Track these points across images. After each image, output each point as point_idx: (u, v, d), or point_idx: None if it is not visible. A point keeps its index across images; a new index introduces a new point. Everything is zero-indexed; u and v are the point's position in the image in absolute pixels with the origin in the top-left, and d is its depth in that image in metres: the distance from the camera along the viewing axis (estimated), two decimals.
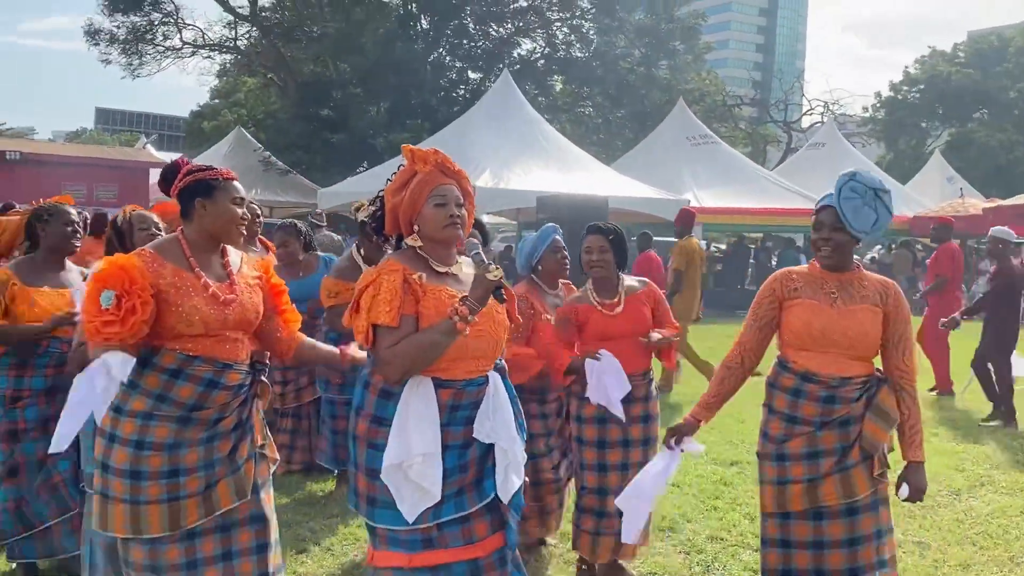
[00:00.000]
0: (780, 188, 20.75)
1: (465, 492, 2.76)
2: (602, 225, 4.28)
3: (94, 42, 29.70)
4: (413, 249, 2.83)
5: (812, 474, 3.21)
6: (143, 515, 2.79)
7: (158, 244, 2.98)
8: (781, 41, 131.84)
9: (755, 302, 3.39)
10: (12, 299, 3.89)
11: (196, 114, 42.47)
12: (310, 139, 26.77)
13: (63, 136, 70.02)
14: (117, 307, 2.71)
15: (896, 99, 45.81)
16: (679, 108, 23.36)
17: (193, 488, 2.84)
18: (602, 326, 4.16)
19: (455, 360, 2.74)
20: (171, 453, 2.82)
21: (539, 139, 18.48)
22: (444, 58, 31.19)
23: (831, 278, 3.25)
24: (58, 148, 26.15)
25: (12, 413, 3.96)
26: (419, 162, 2.83)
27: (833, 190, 3.20)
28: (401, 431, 2.69)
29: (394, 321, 2.67)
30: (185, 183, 2.95)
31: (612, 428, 4.16)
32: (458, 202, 2.83)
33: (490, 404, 2.79)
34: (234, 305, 2.94)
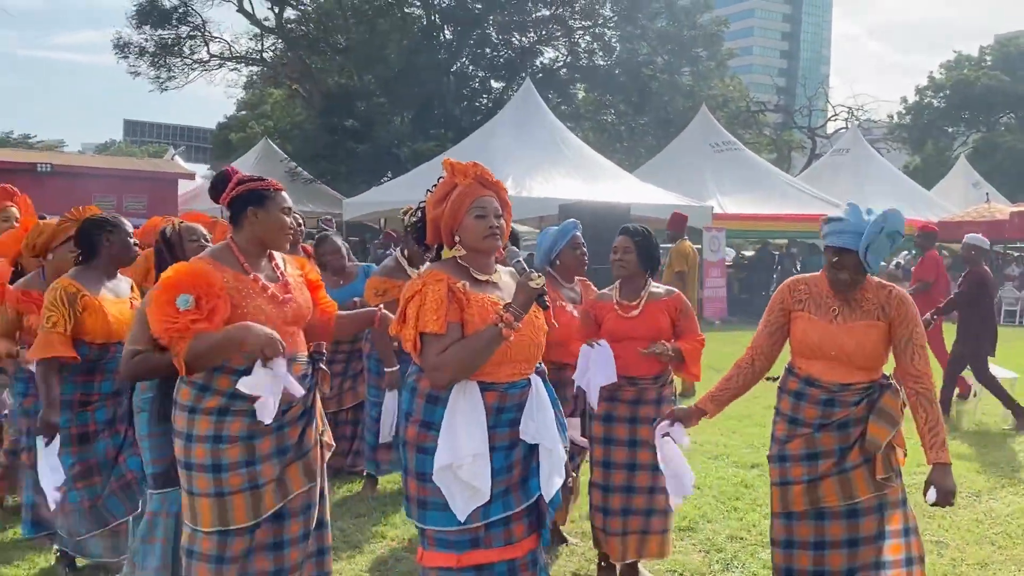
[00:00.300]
0: (804, 194, 20.72)
1: (511, 492, 2.85)
2: (631, 227, 4.34)
3: (123, 55, 30.23)
4: (454, 259, 2.92)
5: (811, 475, 3.30)
6: (228, 506, 2.95)
7: (212, 252, 3.12)
8: (805, 47, 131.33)
9: (768, 308, 3.47)
10: (84, 309, 3.95)
11: (223, 126, 42.99)
12: (335, 149, 27.07)
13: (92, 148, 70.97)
14: (199, 307, 2.87)
15: (921, 104, 45.51)
16: (702, 114, 23.39)
17: (269, 475, 3.00)
18: (616, 326, 4.23)
19: (498, 364, 2.83)
20: (246, 443, 2.97)
21: (561, 147, 18.59)
22: (467, 68, 31.45)
23: (836, 294, 3.31)
24: (88, 160, 26.57)
25: (83, 416, 4.04)
26: (459, 175, 2.91)
27: (853, 225, 3.15)
28: (450, 434, 2.77)
29: (442, 328, 2.76)
30: (238, 192, 3.10)
31: (618, 427, 4.22)
32: (497, 213, 2.91)
33: (533, 405, 2.88)
34: (291, 303, 3.13)
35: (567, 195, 16.01)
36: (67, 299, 3.92)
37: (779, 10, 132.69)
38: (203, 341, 2.89)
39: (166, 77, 31.02)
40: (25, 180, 18.87)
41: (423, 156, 22.71)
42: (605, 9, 31.41)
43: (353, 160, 26.77)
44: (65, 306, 3.91)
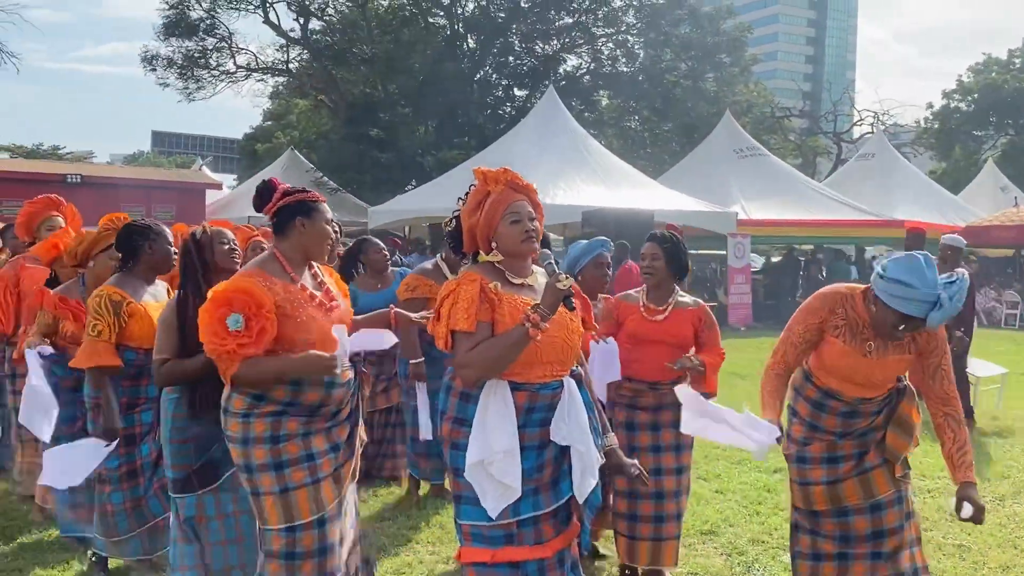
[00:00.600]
0: (829, 199, 20.64)
1: (541, 492, 2.90)
2: (659, 233, 4.36)
3: (151, 68, 30.61)
4: (491, 263, 2.97)
5: (831, 476, 3.34)
6: (293, 502, 3.05)
7: (259, 262, 3.21)
8: (831, 52, 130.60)
9: (801, 322, 3.36)
10: (129, 316, 4.01)
11: (249, 136, 43.37)
12: (360, 159, 27.26)
13: (121, 159, 71.84)
14: (248, 329, 2.96)
15: (949, 108, 45.13)
16: (726, 120, 23.37)
17: (327, 469, 3.13)
18: (639, 328, 4.25)
19: (529, 365, 2.87)
20: (304, 439, 3.11)
21: (584, 154, 18.64)
22: (490, 76, 31.58)
23: (870, 327, 3.27)
24: (116, 171, 26.94)
25: (130, 418, 4.10)
26: (491, 182, 2.96)
27: (923, 295, 3.02)
28: (481, 430, 2.84)
29: (471, 327, 2.82)
30: (286, 202, 3.20)
31: (641, 434, 4.24)
32: (531, 216, 2.95)
33: (565, 408, 2.91)
34: (336, 309, 3.26)
35: (590, 202, 16.05)
36: (112, 306, 3.97)
37: (804, 15, 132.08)
38: (253, 369, 3.01)
39: (194, 88, 31.40)
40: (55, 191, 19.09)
41: (447, 164, 22.84)
42: (628, 16, 31.46)
43: (378, 169, 26.94)
44: (110, 314, 3.96)
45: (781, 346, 3.40)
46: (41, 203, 5.55)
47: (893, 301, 3.07)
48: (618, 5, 31.12)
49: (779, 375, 3.40)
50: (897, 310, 3.07)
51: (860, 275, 20.07)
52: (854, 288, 3.36)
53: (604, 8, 30.91)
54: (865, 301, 3.27)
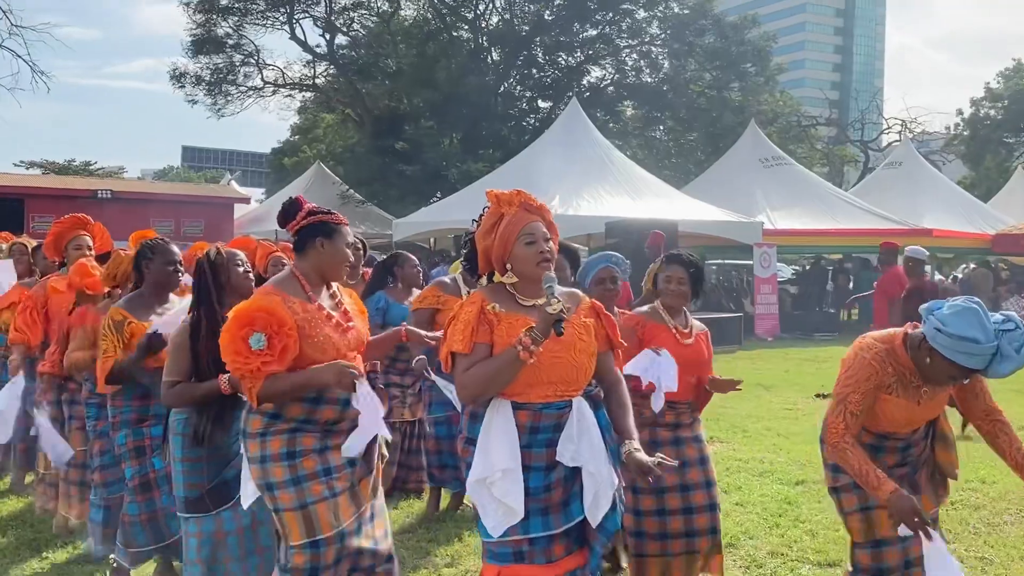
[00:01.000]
0: (856, 208, 20.50)
1: (551, 512, 2.88)
2: (684, 256, 4.26)
3: (180, 84, 31.03)
4: (502, 284, 2.97)
5: None
6: (313, 516, 3.06)
7: (278, 281, 3.24)
8: (858, 60, 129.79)
9: (856, 390, 3.21)
10: (131, 335, 4.05)
11: (277, 151, 43.80)
12: (385, 171, 27.47)
13: (151, 174, 72.73)
14: (271, 347, 3.00)
15: (978, 115, 44.63)
16: (751, 130, 23.30)
17: (344, 484, 3.15)
18: (676, 351, 4.13)
19: (530, 385, 2.85)
20: (320, 455, 3.13)
21: (608, 165, 18.67)
22: (514, 88, 31.73)
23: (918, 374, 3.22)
24: (146, 186, 27.34)
25: (139, 431, 4.15)
26: (504, 204, 2.95)
27: (986, 348, 2.96)
28: (484, 448, 2.85)
29: (466, 348, 2.84)
30: (309, 222, 3.22)
31: (665, 450, 4.17)
32: (546, 237, 2.93)
33: (573, 428, 2.87)
34: (353, 330, 3.27)
35: (614, 212, 16.06)
36: (114, 326, 4.05)
37: (831, 23, 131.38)
38: (276, 385, 3.05)
39: (222, 104, 31.79)
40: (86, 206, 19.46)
41: (472, 176, 22.94)
42: (652, 27, 31.49)
43: (403, 181, 27.11)
44: (113, 333, 4.04)
45: (840, 418, 3.22)
46: (68, 222, 5.56)
47: (958, 357, 2.99)
48: (642, 16, 31.17)
49: (854, 444, 3.21)
50: (960, 364, 3.00)
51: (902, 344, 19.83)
52: (892, 338, 3.24)
53: (628, 19, 30.98)
54: (907, 348, 3.17)
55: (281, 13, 30.61)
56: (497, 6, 31.40)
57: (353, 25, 32.02)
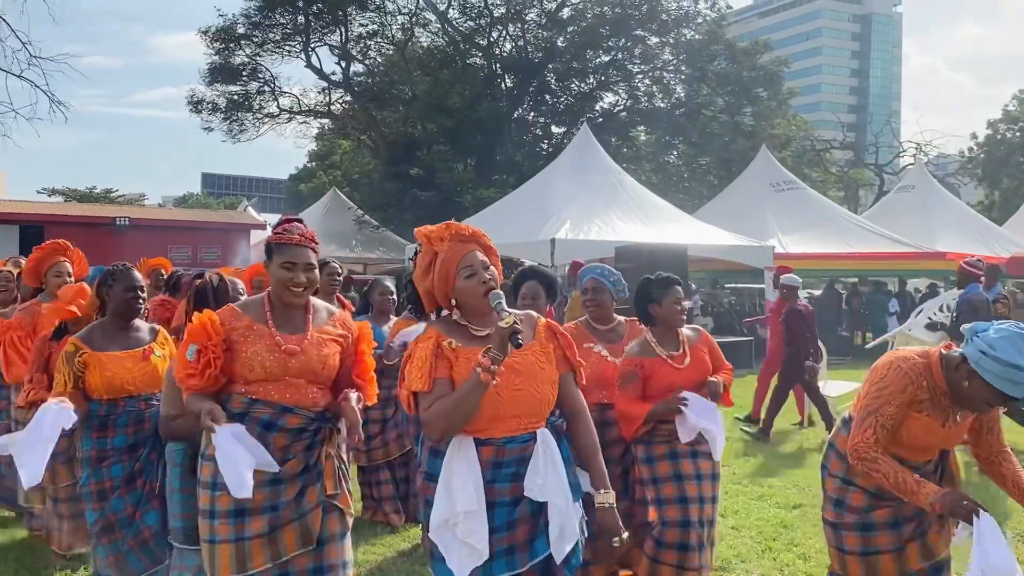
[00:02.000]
0: (868, 232, 20.48)
1: (517, 550, 2.77)
2: (675, 277, 4.32)
3: (196, 111, 31.42)
4: (451, 318, 2.92)
5: (896, 543, 3.21)
6: (216, 555, 3.00)
7: (245, 301, 3.27)
8: (875, 83, 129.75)
9: (889, 402, 3.12)
10: (84, 367, 3.97)
11: (294, 177, 44.29)
12: (400, 197, 27.64)
13: (171, 201, 73.42)
14: (196, 361, 3.00)
15: (995, 137, 44.53)
16: (762, 154, 23.36)
17: (257, 529, 3.00)
18: (671, 379, 4.19)
19: (492, 419, 2.78)
20: None
21: (618, 189, 18.74)
22: (527, 114, 31.91)
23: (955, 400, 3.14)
24: (164, 213, 27.65)
25: (99, 472, 4.02)
26: (435, 241, 2.90)
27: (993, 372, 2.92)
28: (446, 488, 2.76)
29: (425, 386, 2.77)
30: (265, 243, 3.25)
31: (685, 462, 4.18)
32: (485, 265, 2.87)
33: (539, 461, 2.79)
34: (298, 355, 3.13)
35: (624, 237, 16.12)
36: (66, 358, 3.98)
37: (847, 47, 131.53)
38: (189, 403, 3.06)
39: (238, 130, 32.13)
40: (105, 234, 19.79)
41: (485, 202, 23.10)
42: (664, 53, 31.66)
43: (417, 207, 27.28)
44: (66, 365, 3.97)
45: (870, 431, 3.13)
46: (48, 248, 5.57)
47: (1001, 383, 2.90)
48: (654, 42, 31.34)
49: (884, 453, 3.14)
50: (1001, 390, 2.92)
51: (901, 308, 19.83)
52: (929, 355, 3.16)
53: (640, 46, 31.15)
54: (944, 369, 3.09)
55: (297, 42, 31.00)
56: (510, 33, 31.69)
57: (369, 53, 32.39)
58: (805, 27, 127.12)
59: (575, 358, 3.01)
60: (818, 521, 5.90)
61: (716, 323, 19.87)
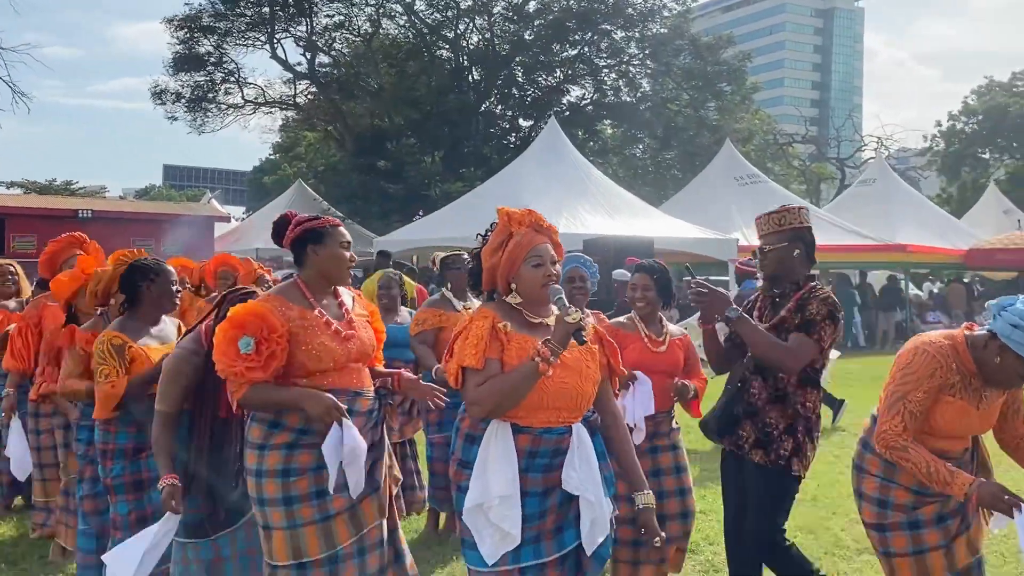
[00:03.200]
0: (830, 225, 20.80)
1: (543, 539, 2.81)
2: (646, 264, 4.41)
3: (160, 102, 31.15)
4: (507, 302, 2.92)
5: (946, 538, 3.15)
6: (302, 539, 3.03)
7: (280, 288, 3.28)
8: (837, 78, 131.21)
9: (918, 388, 3.08)
10: (132, 360, 3.93)
11: (257, 169, 43.96)
12: (367, 189, 27.62)
13: (133, 193, 72.54)
14: (258, 352, 2.99)
15: (955, 130, 45.33)
16: (726, 149, 23.65)
17: (340, 506, 3.09)
18: (645, 358, 4.24)
19: (535, 408, 2.80)
20: (316, 475, 3.06)
21: (587, 183, 18.89)
22: (495, 108, 32.04)
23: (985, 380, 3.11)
24: (127, 205, 27.39)
25: (136, 464, 3.96)
26: (515, 224, 2.90)
27: None
28: (481, 473, 2.78)
29: (479, 363, 2.77)
30: (296, 233, 3.24)
31: (643, 460, 4.24)
32: (553, 260, 2.90)
33: (575, 455, 2.83)
34: (354, 339, 3.22)
35: (592, 230, 16.26)
36: (115, 351, 3.92)
37: (810, 41, 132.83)
38: (260, 396, 3.05)
39: (202, 121, 31.92)
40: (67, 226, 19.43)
41: (453, 195, 23.16)
42: (630, 47, 31.90)
43: (385, 199, 27.30)
44: (115, 357, 3.90)
45: (898, 418, 3.08)
46: (64, 241, 5.53)
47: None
48: (620, 36, 31.59)
49: (915, 441, 3.09)
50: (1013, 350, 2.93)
51: (862, 300, 20.18)
52: (954, 337, 3.14)
53: (606, 40, 31.39)
54: (971, 349, 3.08)
55: (262, 32, 30.84)
56: (478, 26, 31.76)
57: (334, 44, 32.29)
58: (768, 21, 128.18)
59: (618, 365, 3.08)
60: None
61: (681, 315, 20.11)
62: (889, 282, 21.08)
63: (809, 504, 6.20)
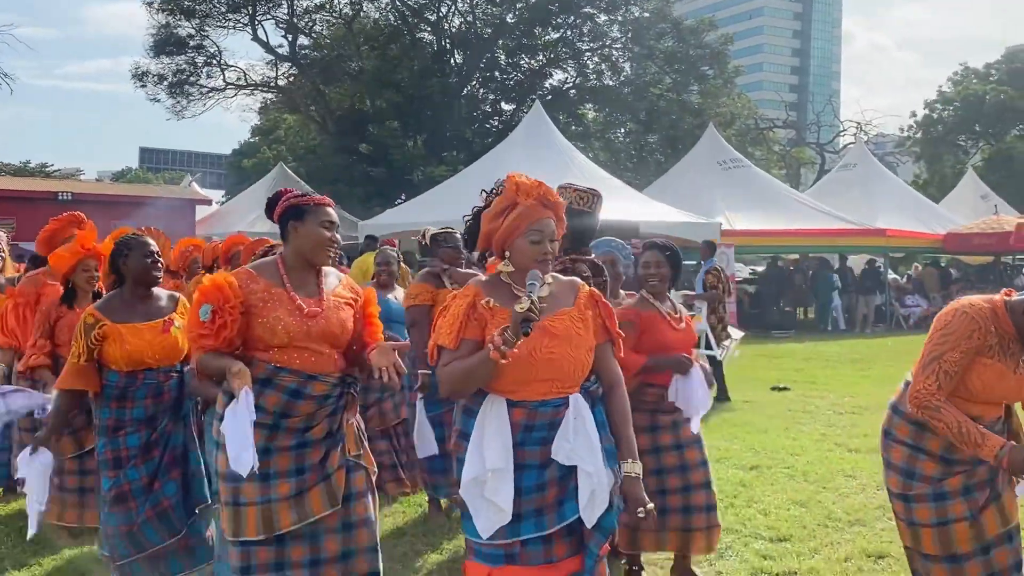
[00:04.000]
0: (811, 209, 20.99)
1: (545, 512, 2.78)
2: (659, 241, 4.41)
3: (141, 84, 30.92)
4: (498, 275, 2.90)
5: (972, 509, 3.10)
6: (242, 517, 3.03)
7: (258, 264, 3.27)
8: (816, 63, 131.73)
9: (955, 347, 3.06)
10: (103, 339, 3.90)
11: (237, 152, 43.65)
12: (350, 173, 27.57)
13: (109, 176, 71.84)
14: (212, 321, 3.00)
15: (932, 117, 45.72)
16: (709, 133, 23.75)
17: (284, 492, 3.04)
18: (667, 337, 4.23)
19: (524, 382, 2.77)
20: (263, 458, 3.00)
21: (571, 167, 18.91)
22: (477, 91, 32.04)
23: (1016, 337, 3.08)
24: (107, 187, 27.20)
25: (115, 441, 3.96)
26: (521, 195, 2.83)
27: None
28: (476, 447, 2.76)
29: (452, 343, 2.78)
30: (282, 208, 3.22)
31: (664, 434, 4.25)
32: (552, 237, 2.84)
33: (569, 426, 2.77)
34: (319, 318, 3.13)
35: None
36: (84, 330, 3.91)
37: (789, 26, 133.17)
38: (206, 362, 3.08)
39: (184, 105, 31.71)
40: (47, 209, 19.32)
41: (436, 179, 23.16)
42: (613, 31, 31.96)
43: (367, 183, 27.26)
44: (82, 337, 3.89)
45: (933, 377, 3.06)
46: (64, 220, 5.57)
47: None
48: (602, 20, 31.65)
49: (947, 402, 3.07)
50: None
51: (843, 284, 20.42)
52: (994, 301, 3.12)
53: (589, 23, 31.42)
54: (1011, 314, 3.07)
55: (243, 15, 30.60)
56: (459, 8, 31.68)
57: (315, 27, 32.11)
58: (747, 6, 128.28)
59: (615, 328, 2.99)
60: (775, 479, 6.30)
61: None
62: (868, 266, 21.31)
63: (800, 479, 6.33)
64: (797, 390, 10.65)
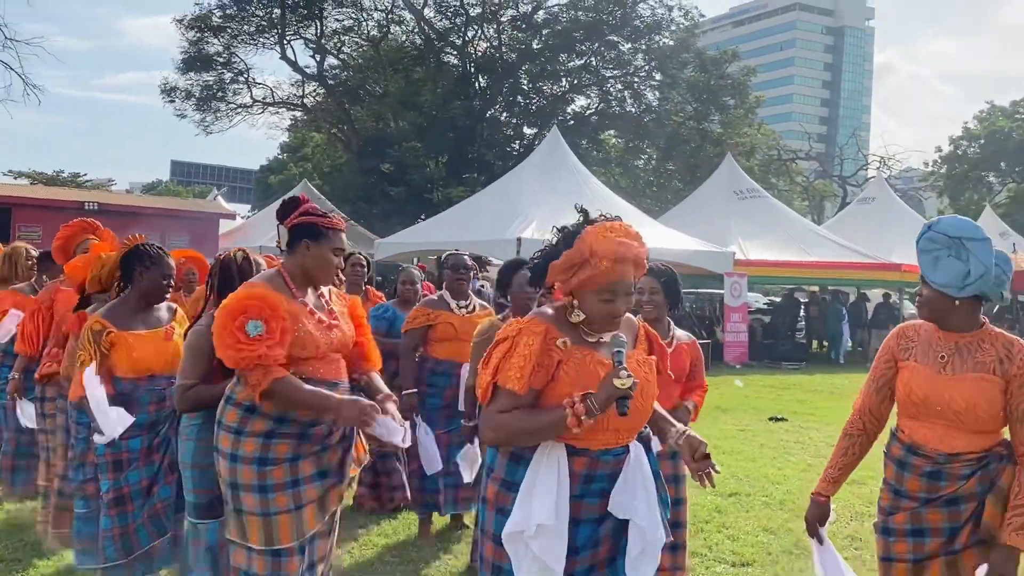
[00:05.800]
0: (826, 241, 21.00)
1: (596, 569, 2.60)
2: (654, 267, 4.23)
3: (170, 99, 31.49)
4: (566, 310, 2.63)
5: (917, 553, 2.93)
6: (275, 526, 3.09)
7: (264, 277, 3.24)
8: (845, 96, 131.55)
9: (874, 361, 3.09)
10: (110, 346, 3.96)
11: (265, 168, 44.27)
12: (371, 191, 27.89)
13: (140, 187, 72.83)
14: (270, 331, 2.98)
15: (956, 153, 45.54)
16: (727, 162, 23.84)
17: (312, 496, 3.15)
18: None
19: (595, 431, 2.53)
20: (292, 465, 3.11)
21: (586, 192, 19.10)
22: (500, 115, 32.32)
23: (947, 338, 2.93)
24: (133, 199, 27.63)
25: (117, 444, 3.98)
26: (595, 256, 2.53)
27: None
28: (527, 498, 2.52)
29: (521, 389, 2.50)
30: (299, 221, 3.21)
31: None
32: (627, 292, 2.58)
33: (629, 476, 2.58)
34: (335, 330, 3.25)
35: None
36: (92, 336, 3.95)
37: (820, 59, 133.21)
38: (285, 390, 3.02)
39: (211, 120, 32.25)
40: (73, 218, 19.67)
41: (455, 199, 23.43)
42: (636, 59, 32.17)
43: (388, 202, 27.56)
44: (91, 344, 3.94)
45: (858, 397, 3.12)
46: (77, 226, 5.60)
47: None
48: (627, 48, 31.86)
49: (848, 434, 3.12)
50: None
51: (850, 318, 20.38)
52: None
53: (613, 51, 31.67)
54: (931, 311, 2.99)
55: (272, 34, 31.16)
56: (486, 34, 32.06)
57: (343, 48, 32.60)
58: (779, 37, 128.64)
59: (666, 367, 2.88)
60: (751, 507, 6.39)
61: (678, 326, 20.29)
62: (884, 300, 21.27)
63: (776, 507, 6.40)
64: (795, 421, 10.68)
